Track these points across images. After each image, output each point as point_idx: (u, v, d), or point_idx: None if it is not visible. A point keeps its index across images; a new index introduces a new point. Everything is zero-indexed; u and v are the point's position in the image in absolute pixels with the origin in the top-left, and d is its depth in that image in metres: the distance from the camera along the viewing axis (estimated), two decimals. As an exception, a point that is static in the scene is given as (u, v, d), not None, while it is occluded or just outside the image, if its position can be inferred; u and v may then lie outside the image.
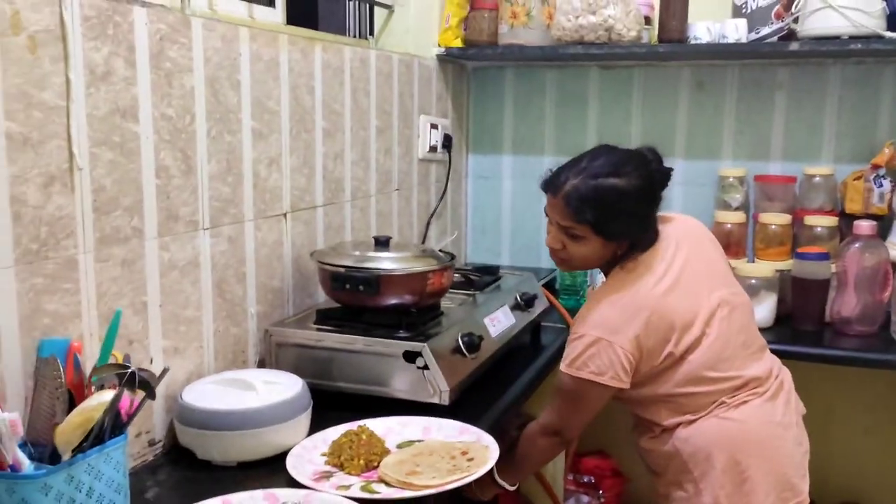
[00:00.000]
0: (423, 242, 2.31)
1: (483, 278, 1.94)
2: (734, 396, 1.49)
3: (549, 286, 2.38)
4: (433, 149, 2.32)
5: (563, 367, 1.49)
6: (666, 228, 1.55)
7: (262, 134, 1.53)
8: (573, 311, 2.15)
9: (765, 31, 2.14)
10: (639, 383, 1.48)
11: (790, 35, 2.11)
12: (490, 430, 1.43)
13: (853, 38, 1.99)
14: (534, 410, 2.08)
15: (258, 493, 1.13)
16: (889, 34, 1.98)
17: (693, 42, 2.18)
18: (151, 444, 1.30)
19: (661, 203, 1.53)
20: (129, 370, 0.99)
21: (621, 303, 1.46)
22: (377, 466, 1.24)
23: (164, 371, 1.07)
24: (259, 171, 1.53)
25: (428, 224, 2.34)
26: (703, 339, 1.47)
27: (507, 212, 2.65)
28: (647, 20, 2.26)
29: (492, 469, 1.63)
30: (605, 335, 1.43)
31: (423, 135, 2.25)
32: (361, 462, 1.24)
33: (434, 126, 2.31)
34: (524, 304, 1.88)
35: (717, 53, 2.24)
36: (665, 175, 1.52)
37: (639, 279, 1.47)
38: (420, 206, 2.30)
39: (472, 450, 1.27)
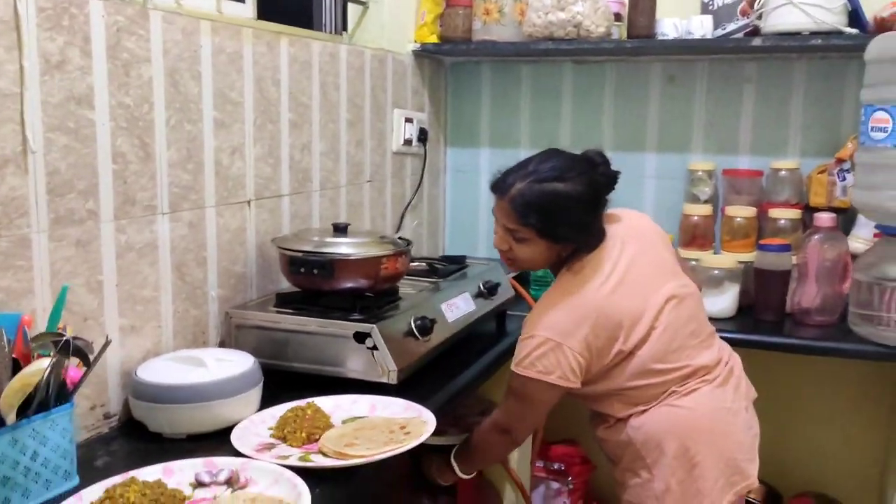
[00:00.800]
0: (397, 234, 2.37)
1: (447, 267, 2.00)
2: (684, 385, 1.53)
3: (523, 277, 2.43)
4: (408, 142, 2.37)
5: (512, 366, 1.53)
6: (612, 228, 1.59)
7: (224, 124, 1.59)
8: (543, 302, 2.22)
9: (730, 27, 2.19)
10: (590, 381, 1.53)
11: (755, 31, 2.15)
12: (438, 411, 1.49)
13: (814, 33, 2.03)
14: (494, 396, 2.14)
15: (199, 461, 1.19)
16: (849, 30, 2.02)
17: (661, 38, 2.22)
18: (106, 416, 1.37)
19: (606, 206, 1.57)
20: (64, 338, 1.05)
21: (570, 305, 1.50)
22: (318, 439, 1.30)
23: (107, 343, 1.14)
24: (221, 159, 1.59)
25: (402, 216, 2.40)
26: (651, 334, 1.51)
27: (483, 206, 2.70)
28: (618, 17, 2.31)
29: (449, 455, 1.69)
30: (555, 336, 1.47)
31: (396, 128, 2.31)
32: (303, 435, 1.30)
33: (409, 120, 2.37)
34: (487, 291, 1.93)
35: (684, 49, 2.28)
36: (611, 179, 1.56)
37: (585, 281, 1.52)
38: (394, 198, 2.36)
39: (411, 425, 1.32)
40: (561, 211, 1.50)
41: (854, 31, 2.02)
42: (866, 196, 1.88)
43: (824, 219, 2.04)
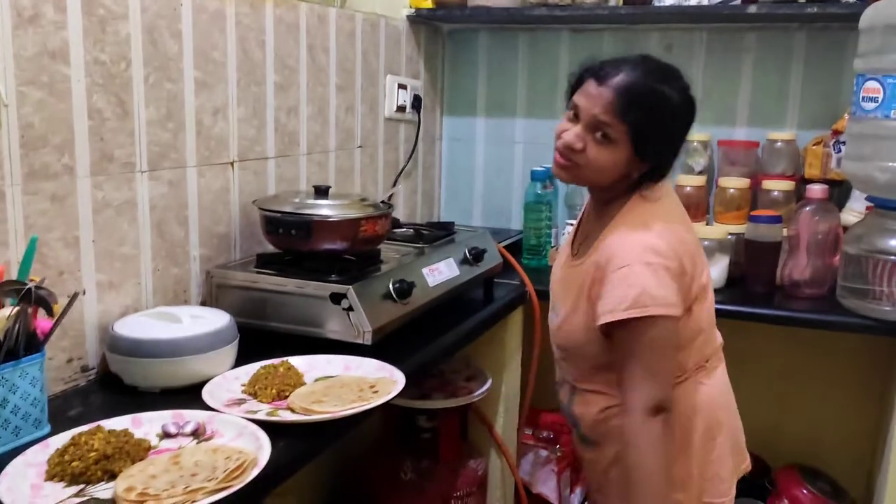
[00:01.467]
0: (389, 199, 2.37)
1: (433, 233, 2.00)
2: (709, 361, 1.45)
3: (516, 246, 2.43)
4: (401, 109, 2.37)
5: (620, 314, 1.28)
6: None
7: (206, 84, 1.60)
8: (534, 271, 2.22)
9: (728, -6, 2.15)
10: None
11: (753, -1, 2.12)
12: (412, 373, 1.50)
13: (810, 1, 2.00)
14: (482, 363, 2.15)
15: (167, 413, 1.21)
16: (846, -2, 1.98)
17: (657, 5, 2.19)
18: (84, 370, 1.39)
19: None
20: (27, 287, 1.06)
21: (661, 229, 1.33)
22: (289, 396, 1.32)
23: (75, 295, 1.15)
24: (202, 119, 1.60)
25: (395, 182, 2.40)
26: (709, 286, 1.42)
27: (479, 174, 2.69)
28: (615, -17, 2.28)
29: None
30: (658, 259, 1.29)
31: (389, 95, 2.30)
32: (273, 391, 1.31)
33: (403, 86, 2.36)
34: (472, 258, 1.93)
35: (682, 17, 2.25)
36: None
37: (669, 210, 1.40)
38: (387, 164, 2.36)
39: (380, 384, 1.34)
40: (663, 118, 1.32)
41: (852, -1, 1.98)
42: (856, 167, 1.86)
43: (816, 190, 2.02)
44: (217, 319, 1.42)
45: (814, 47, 2.25)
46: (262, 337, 1.55)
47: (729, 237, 2.13)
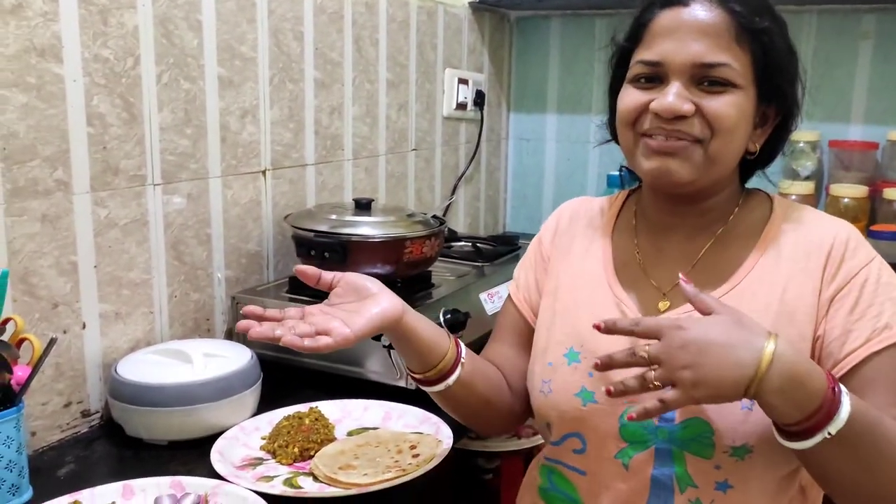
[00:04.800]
0: (447, 209, 2.14)
1: (496, 248, 1.76)
2: None
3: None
4: (462, 106, 2.13)
5: None
6: None
7: (232, 82, 1.39)
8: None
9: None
10: None
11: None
12: (460, 425, 1.27)
13: (950, -26, 1.67)
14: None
15: (165, 481, 1.01)
16: None
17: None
18: (85, 415, 1.21)
19: None
20: (-24, 339, 0.88)
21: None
22: (314, 455, 1.10)
23: (52, 341, 0.96)
24: (228, 123, 1.40)
25: (455, 188, 2.17)
26: None
27: (549, 177, 2.43)
28: (708, -40, 1.98)
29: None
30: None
31: (448, 91, 2.07)
32: (296, 450, 1.10)
33: (463, 81, 2.12)
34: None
35: (787, -3, 1.94)
36: None
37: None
38: (446, 168, 2.13)
39: (422, 444, 1.11)
40: (786, 40, 0.93)
41: None
42: None
43: (954, 201, 1.69)
44: (237, 358, 1.22)
45: (949, 30, 1.91)
46: (294, 375, 1.35)
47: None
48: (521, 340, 1.08)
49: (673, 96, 0.88)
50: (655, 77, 0.91)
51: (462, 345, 1.01)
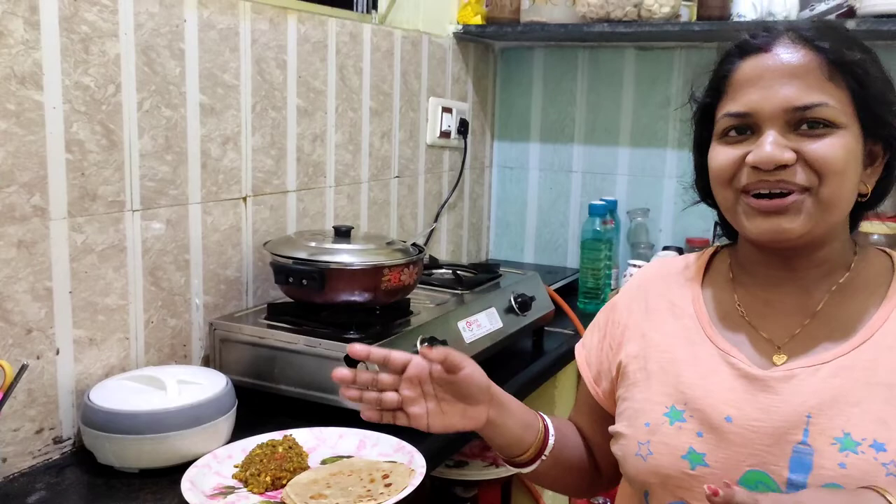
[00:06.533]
0: (431, 234, 2.15)
1: (476, 276, 1.76)
2: None
3: (571, 287, 2.18)
4: (445, 134, 2.15)
5: None
6: None
7: (213, 109, 1.41)
8: (591, 317, 1.95)
9: (820, 7, 1.87)
10: None
11: (850, 13, 1.83)
12: (439, 451, 1.27)
13: (922, 14, 1.70)
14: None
15: (132, 510, 1.01)
16: (968, 9, 1.68)
17: (736, 20, 1.93)
18: (57, 441, 1.20)
19: None
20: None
21: None
22: (286, 484, 1.10)
23: (22, 368, 0.96)
24: (209, 149, 1.41)
25: (438, 215, 2.18)
26: None
27: (532, 205, 2.45)
28: (689, -5, 2.02)
29: None
30: None
31: (432, 119, 2.09)
32: (267, 479, 1.10)
33: (447, 110, 2.14)
34: (518, 307, 1.69)
35: (765, 33, 1.97)
36: None
37: None
38: (429, 196, 2.14)
39: (395, 473, 1.10)
40: (880, 69, 0.88)
41: (974, 10, 1.68)
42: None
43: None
44: (211, 385, 1.22)
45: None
46: (270, 402, 1.35)
47: None
48: (592, 405, 1.06)
49: (770, 145, 0.83)
50: (746, 128, 0.87)
51: (546, 418, 1.01)
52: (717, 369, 0.89)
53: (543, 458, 0.99)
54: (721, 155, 0.88)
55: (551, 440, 0.99)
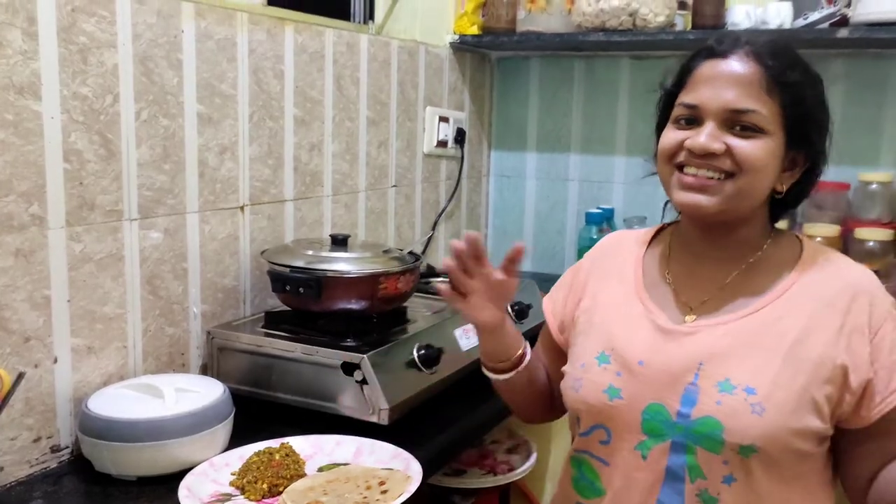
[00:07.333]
0: (428, 243, 2.16)
1: (473, 285, 1.77)
2: None
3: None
4: (442, 144, 2.16)
5: None
6: None
7: (211, 119, 1.42)
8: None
9: (814, 16, 1.88)
10: None
11: (843, 21, 1.85)
12: (436, 457, 1.28)
13: (913, 23, 1.72)
14: (527, 432, 1.90)
15: (129, 518, 1.01)
16: (958, 18, 1.70)
17: (730, 28, 1.94)
18: (55, 450, 1.20)
19: None
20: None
21: None
22: (283, 491, 1.10)
23: (20, 375, 0.96)
24: (207, 159, 1.42)
25: (435, 224, 2.19)
26: None
27: (529, 213, 2.46)
28: (682, 4, 2.04)
29: None
30: None
31: (429, 128, 2.10)
32: (264, 486, 1.10)
33: (444, 119, 2.15)
34: (516, 314, 1.69)
35: (759, 42, 1.99)
36: None
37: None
38: (427, 204, 2.15)
39: (391, 480, 1.11)
40: (817, 91, 1.03)
41: (965, 19, 1.70)
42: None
43: (922, 242, 1.72)
44: (208, 393, 1.22)
45: (915, 75, 1.96)
46: (267, 410, 1.36)
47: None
48: (552, 346, 1.23)
49: (706, 136, 0.99)
50: (694, 119, 1.01)
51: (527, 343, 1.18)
52: (641, 324, 1.08)
53: (519, 369, 1.15)
54: (669, 136, 1.04)
55: (527, 357, 1.16)
